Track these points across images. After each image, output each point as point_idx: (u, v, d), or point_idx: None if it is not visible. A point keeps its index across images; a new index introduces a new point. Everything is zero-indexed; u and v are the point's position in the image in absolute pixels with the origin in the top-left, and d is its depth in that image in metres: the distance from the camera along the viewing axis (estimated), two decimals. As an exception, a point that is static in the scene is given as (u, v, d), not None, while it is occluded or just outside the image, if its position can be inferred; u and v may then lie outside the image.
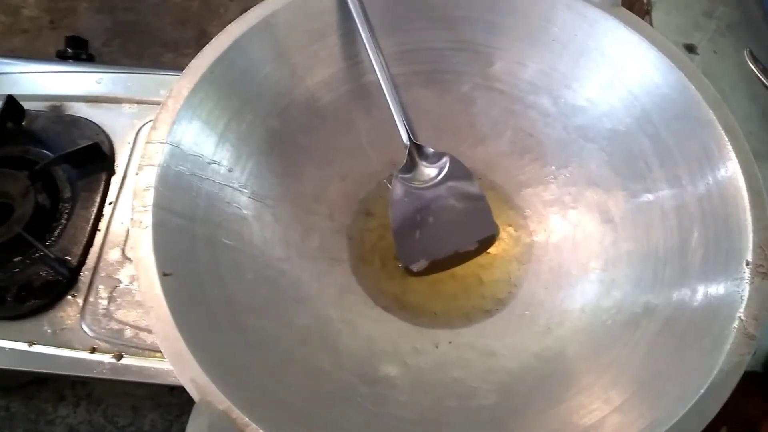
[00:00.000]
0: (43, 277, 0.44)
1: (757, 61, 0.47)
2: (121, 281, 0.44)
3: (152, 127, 0.37)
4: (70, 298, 0.44)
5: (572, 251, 0.43)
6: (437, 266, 0.44)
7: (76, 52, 0.56)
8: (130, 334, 0.42)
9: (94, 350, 0.42)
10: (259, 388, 0.33)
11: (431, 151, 0.43)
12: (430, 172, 0.44)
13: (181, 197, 0.36)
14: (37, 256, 0.45)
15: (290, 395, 0.34)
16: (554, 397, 0.36)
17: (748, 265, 0.34)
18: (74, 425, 0.48)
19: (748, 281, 0.33)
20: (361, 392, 0.37)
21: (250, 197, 0.41)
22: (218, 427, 0.29)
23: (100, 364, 0.41)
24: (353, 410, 0.35)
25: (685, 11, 0.53)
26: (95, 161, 0.48)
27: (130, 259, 0.45)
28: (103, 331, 0.42)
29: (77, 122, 0.50)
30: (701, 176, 0.38)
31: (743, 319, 0.33)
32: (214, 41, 0.40)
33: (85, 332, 0.42)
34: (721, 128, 0.37)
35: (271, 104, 0.42)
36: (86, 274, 0.44)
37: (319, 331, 0.40)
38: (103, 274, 0.44)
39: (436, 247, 0.44)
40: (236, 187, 0.40)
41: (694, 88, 0.38)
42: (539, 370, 0.38)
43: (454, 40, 0.45)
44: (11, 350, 0.42)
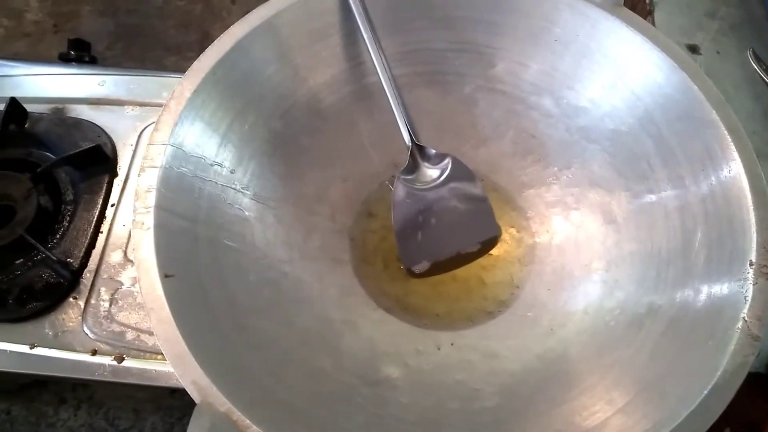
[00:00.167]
0: (44, 279, 0.44)
1: (760, 60, 0.47)
2: (122, 283, 0.44)
3: (154, 128, 0.37)
4: (71, 300, 0.43)
5: (575, 252, 0.43)
6: (439, 268, 0.44)
7: (78, 54, 0.57)
8: (131, 336, 0.42)
9: (95, 352, 0.42)
10: (260, 389, 0.33)
11: (433, 152, 0.43)
12: (432, 173, 0.44)
13: (183, 199, 0.36)
14: (38, 258, 0.45)
15: (291, 396, 0.34)
16: (557, 398, 0.35)
17: (751, 265, 0.34)
18: (75, 428, 0.48)
19: (751, 282, 0.33)
20: (362, 393, 0.37)
21: (252, 199, 0.41)
22: (219, 428, 0.29)
23: (101, 366, 0.41)
24: (354, 411, 0.35)
25: (687, 11, 0.52)
26: (97, 163, 0.48)
27: (131, 261, 0.45)
28: (104, 333, 0.42)
29: (80, 124, 0.50)
30: (704, 176, 0.38)
31: (747, 319, 0.32)
32: (216, 42, 0.40)
33: (86, 334, 0.42)
34: (724, 128, 0.37)
35: (273, 105, 0.42)
36: (88, 276, 0.44)
37: (320, 332, 0.39)
38: (104, 276, 0.44)
39: (438, 248, 0.44)
40: (238, 188, 0.40)
41: (697, 88, 0.38)
42: (542, 371, 0.38)
43: (455, 41, 0.45)
44: (12, 353, 0.42)
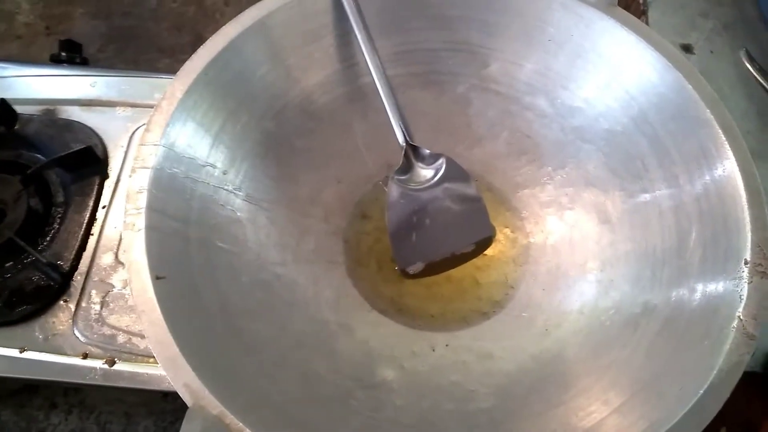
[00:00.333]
0: (34, 282, 0.43)
1: (753, 60, 0.47)
2: (114, 286, 0.44)
3: (145, 129, 0.36)
4: (62, 303, 0.43)
5: (570, 252, 0.43)
6: (434, 268, 0.44)
7: (70, 55, 0.56)
8: (122, 339, 0.42)
9: (86, 356, 0.41)
10: (253, 392, 0.33)
11: (427, 152, 0.43)
12: (426, 173, 0.44)
13: (174, 200, 0.36)
14: (28, 261, 0.44)
15: (285, 399, 0.33)
16: (552, 399, 0.35)
17: (746, 264, 0.34)
18: (67, 433, 0.47)
19: (746, 280, 0.33)
20: (357, 396, 0.36)
21: (244, 200, 0.41)
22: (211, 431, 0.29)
23: (92, 370, 0.41)
24: (350, 414, 0.35)
25: (681, 11, 0.53)
26: (88, 165, 0.47)
27: (123, 263, 0.44)
28: (95, 336, 0.42)
29: (70, 126, 0.49)
30: (699, 176, 0.38)
31: (742, 318, 0.32)
32: (208, 42, 0.39)
33: (77, 338, 0.42)
34: (718, 127, 0.37)
35: (266, 106, 0.42)
36: (79, 279, 0.44)
37: (314, 334, 0.39)
38: (95, 278, 0.44)
39: (432, 249, 0.44)
40: (231, 189, 0.40)
41: (691, 87, 0.38)
42: (537, 372, 0.38)
43: (449, 41, 0.45)
44: (2, 357, 0.41)
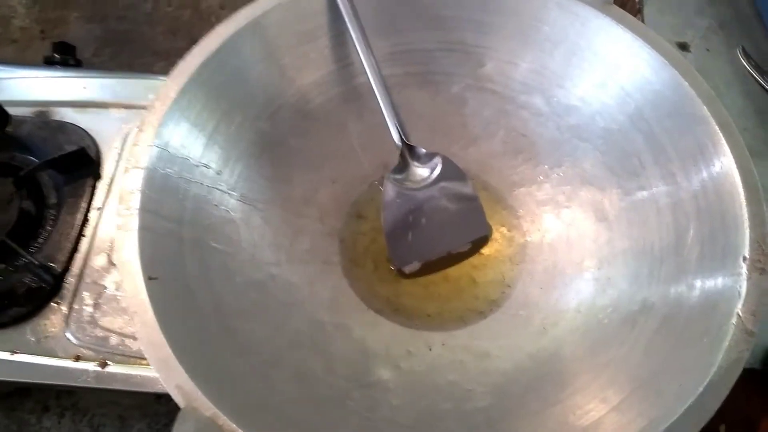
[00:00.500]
0: (26, 284, 0.43)
1: (749, 58, 0.47)
2: (106, 288, 0.43)
3: (138, 129, 0.36)
4: (54, 305, 0.42)
5: (566, 250, 0.43)
6: (430, 268, 0.44)
7: (63, 57, 0.56)
8: (115, 341, 0.41)
9: (78, 358, 0.41)
10: (247, 394, 0.32)
11: (423, 151, 0.43)
12: (422, 172, 0.44)
13: (168, 200, 0.36)
14: (21, 263, 0.44)
15: (280, 401, 0.33)
16: (550, 398, 0.35)
17: (745, 260, 0.33)
18: (60, 437, 0.47)
19: (745, 277, 0.33)
20: (353, 397, 0.36)
21: (239, 200, 0.40)
22: (204, 433, 0.28)
23: (84, 372, 0.40)
24: (346, 415, 0.34)
25: (677, 9, 0.53)
26: (81, 167, 0.47)
27: (116, 265, 0.44)
28: (87, 338, 0.41)
29: (63, 128, 0.49)
30: (696, 173, 0.37)
31: (741, 315, 0.32)
32: (202, 42, 0.39)
33: (69, 340, 0.41)
34: (715, 124, 0.37)
35: (260, 106, 0.42)
36: (71, 281, 0.43)
37: (310, 335, 0.39)
38: (88, 280, 0.43)
39: (428, 248, 0.43)
40: (225, 189, 0.40)
41: (687, 84, 0.38)
42: (534, 370, 0.37)
43: (444, 40, 0.45)
44: (-7, 359, 0.41)
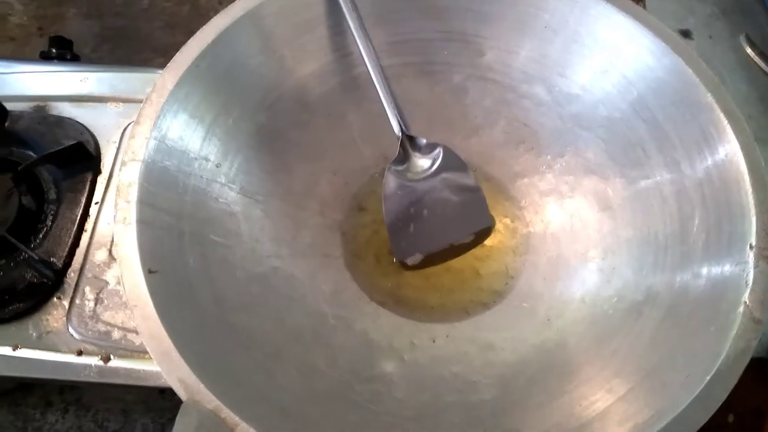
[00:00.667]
0: (27, 279, 0.42)
1: (753, 44, 0.46)
2: (108, 282, 0.43)
3: (135, 121, 0.36)
4: (55, 300, 0.42)
5: (570, 241, 0.43)
6: (433, 260, 0.43)
7: (60, 52, 0.55)
8: (117, 335, 0.41)
9: (80, 353, 0.40)
10: (249, 387, 0.32)
11: (424, 142, 0.43)
12: (423, 163, 0.43)
13: (166, 193, 0.35)
14: (21, 258, 0.43)
15: (283, 394, 0.33)
16: (555, 389, 0.35)
17: (752, 248, 0.33)
18: (63, 432, 0.46)
19: (752, 265, 0.33)
20: (356, 390, 0.36)
21: (238, 193, 0.40)
22: (207, 426, 0.28)
23: (87, 367, 0.40)
24: (349, 408, 0.34)
25: (678, -4, 0.52)
26: (80, 161, 0.46)
27: (116, 259, 0.43)
28: (89, 333, 0.41)
29: (61, 122, 0.49)
30: (701, 160, 0.37)
31: (748, 303, 0.32)
32: (198, 33, 0.39)
33: (71, 335, 0.41)
34: (720, 111, 0.36)
35: (259, 98, 0.42)
36: (72, 275, 0.43)
37: (312, 328, 0.38)
38: (89, 275, 0.43)
39: (430, 240, 0.43)
40: (224, 182, 0.39)
41: (691, 71, 0.38)
42: (539, 362, 0.37)
43: (444, 30, 0.44)
44: (-6, 355, 0.40)
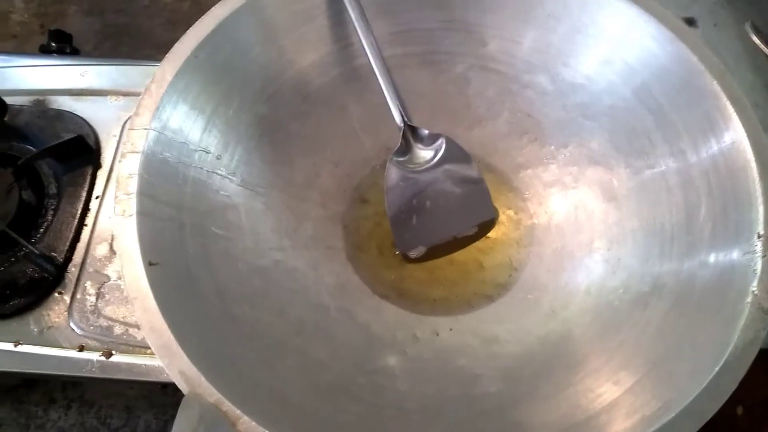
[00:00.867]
0: (28, 274, 0.42)
1: (759, 32, 0.46)
2: (109, 277, 0.43)
3: (135, 113, 0.35)
4: (56, 295, 0.42)
5: (575, 232, 0.42)
6: (436, 252, 0.43)
7: (60, 46, 0.55)
8: (119, 330, 0.41)
9: (82, 348, 0.40)
10: (251, 380, 0.32)
11: (426, 132, 0.42)
12: (425, 154, 0.43)
13: (166, 185, 0.35)
14: (22, 253, 0.43)
15: (285, 387, 0.33)
16: (561, 381, 0.34)
17: (759, 237, 0.33)
18: (66, 428, 0.46)
19: (760, 254, 0.32)
20: (359, 383, 0.35)
21: (239, 185, 0.40)
22: (208, 419, 0.28)
23: (89, 362, 0.40)
24: (351, 401, 0.34)
25: (683, -17, 0.51)
26: (80, 155, 0.46)
27: (116, 252, 0.43)
28: (91, 328, 0.41)
29: (61, 116, 0.48)
30: (707, 149, 0.37)
31: (757, 293, 0.31)
32: (197, 24, 0.38)
33: (72, 330, 0.41)
34: (725, 98, 0.36)
35: (259, 89, 0.41)
36: (73, 270, 0.43)
37: (314, 321, 0.38)
38: (90, 270, 0.43)
39: (433, 232, 0.43)
40: (225, 174, 0.39)
41: (696, 58, 0.37)
42: (545, 354, 0.37)
43: (445, 19, 0.44)
44: (-4, 351, 0.40)
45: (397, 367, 0.37)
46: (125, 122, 0.49)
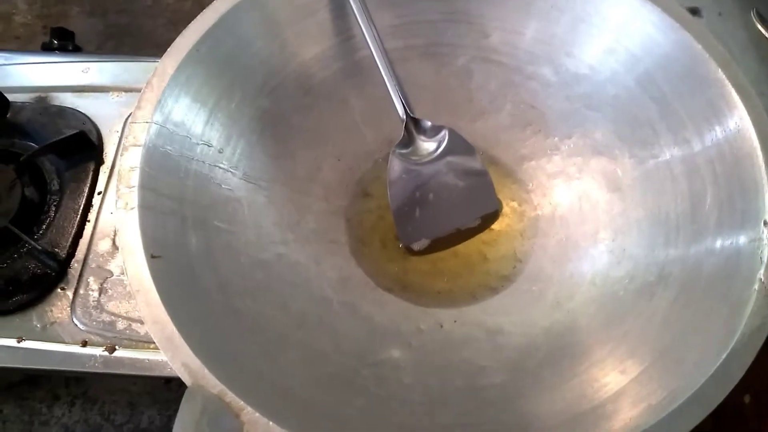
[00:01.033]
0: (31, 270, 0.42)
1: (764, 21, 0.45)
2: (112, 272, 0.43)
3: (136, 106, 0.35)
4: (59, 291, 0.42)
5: (579, 223, 0.42)
6: (439, 244, 0.43)
7: (62, 43, 0.55)
8: (122, 325, 0.41)
9: (85, 344, 0.40)
10: (255, 372, 0.31)
11: (429, 124, 0.42)
12: (428, 146, 0.42)
13: (168, 178, 0.35)
14: (24, 249, 0.43)
15: (288, 379, 0.32)
16: (566, 372, 0.34)
17: (766, 224, 0.32)
18: (70, 425, 0.46)
19: (767, 242, 0.32)
20: (363, 375, 0.35)
21: (241, 179, 0.40)
22: (211, 411, 0.28)
23: (92, 357, 0.40)
24: (356, 393, 0.34)
25: (686, -28, 0.51)
26: (83, 151, 0.46)
27: (119, 247, 0.43)
28: (94, 323, 0.41)
29: (63, 112, 0.48)
30: (711, 137, 0.36)
31: (763, 281, 0.31)
32: (199, 18, 0.38)
33: (75, 325, 0.41)
34: (730, 85, 0.36)
35: (261, 83, 0.41)
36: (76, 266, 0.43)
37: (318, 314, 0.38)
38: (93, 265, 0.43)
39: (437, 225, 0.42)
40: (227, 168, 0.39)
41: (700, 46, 0.37)
42: (549, 345, 0.37)
43: (447, 11, 0.44)
44: (-1, 347, 0.40)
45: (401, 359, 0.37)
46: (127, 118, 0.48)
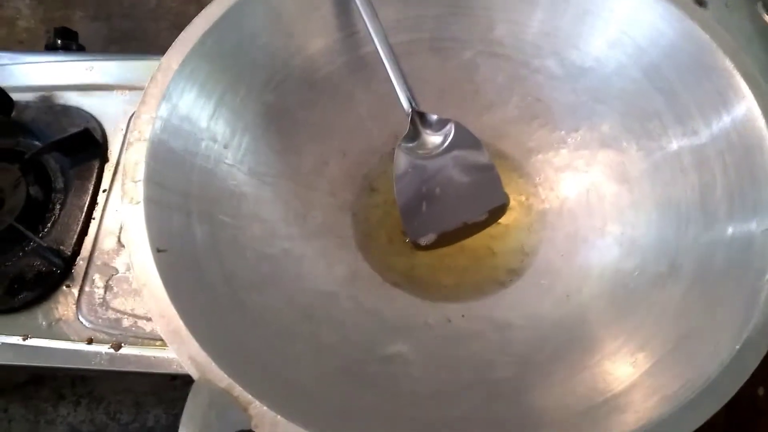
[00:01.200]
0: (36, 268, 0.42)
1: (771, 12, 0.45)
2: (117, 269, 0.42)
3: (141, 101, 0.35)
4: (64, 288, 0.42)
5: (587, 216, 0.41)
6: (446, 239, 0.42)
7: (65, 43, 0.55)
8: (128, 323, 0.40)
9: (91, 341, 0.40)
10: (261, 365, 0.31)
11: (435, 117, 0.42)
12: (434, 140, 0.42)
13: (173, 173, 0.35)
14: (30, 247, 0.43)
15: (295, 373, 0.32)
16: (577, 365, 0.34)
17: (778, 214, 0.32)
18: (75, 424, 0.46)
19: (779, 231, 0.31)
20: (371, 368, 0.35)
21: (247, 174, 0.39)
22: (219, 404, 0.27)
23: (97, 355, 0.39)
24: (363, 387, 0.33)
25: (692, -36, 0.50)
26: (87, 148, 0.46)
27: (125, 245, 0.43)
28: (99, 321, 0.41)
29: (68, 111, 0.48)
30: (720, 127, 0.36)
31: (776, 271, 0.30)
32: (204, 12, 0.38)
33: (81, 323, 0.40)
34: (738, 74, 0.35)
35: (266, 77, 0.41)
36: (81, 263, 0.43)
37: (325, 308, 0.38)
38: (98, 262, 0.43)
39: (444, 219, 0.42)
40: (232, 163, 0.39)
41: (707, 36, 0.36)
42: (559, 338, 0.36)
43: (451, 5, 0.44)
44: (4, 345, 0.40)
45: (409, 353, 0.36)
46: (131, 116, 0.48)
